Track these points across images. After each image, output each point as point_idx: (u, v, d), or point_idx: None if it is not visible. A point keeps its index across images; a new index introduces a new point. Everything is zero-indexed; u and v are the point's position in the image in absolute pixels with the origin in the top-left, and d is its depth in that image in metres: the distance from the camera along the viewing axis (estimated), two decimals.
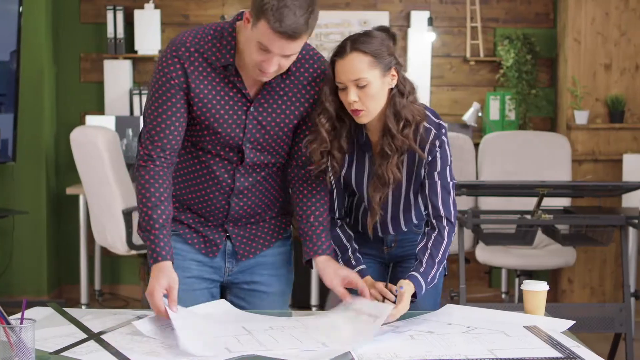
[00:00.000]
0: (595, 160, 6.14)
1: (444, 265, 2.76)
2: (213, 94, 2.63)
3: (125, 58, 6.53)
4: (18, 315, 2.12)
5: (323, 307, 5.89)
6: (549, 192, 4.56)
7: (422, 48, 6.54)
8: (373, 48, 2.58)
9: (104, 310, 2.74)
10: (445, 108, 6.63)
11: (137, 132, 6.32)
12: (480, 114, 6.48)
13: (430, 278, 2.66)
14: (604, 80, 6.16)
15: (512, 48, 6.45)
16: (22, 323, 2.08)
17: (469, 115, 6.39)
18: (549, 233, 4.91)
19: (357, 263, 2.80)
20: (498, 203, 5.64)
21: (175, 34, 6.53)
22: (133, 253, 5.40)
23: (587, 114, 6.10)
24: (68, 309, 2.66)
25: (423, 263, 2.66)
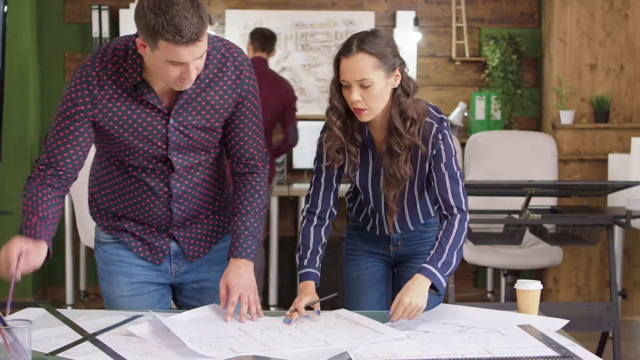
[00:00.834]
0: (581, 160, 6.16)
1: (459, 249, 2.69)
2: (128, 114, 2.58)
3: None
4: (18, 316, 2.11)
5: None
6: (537, 191, 4.57)
7: (407, 48, 6.54)
8: (379, 49, 2.60)
9: (98, 311, 2.72)
10: None
11: None
12: (466, 114, 6.49)
13: (442, 264, 2.63)
14: (589, 80, 6.19)
15: (497, 48, 6.47)
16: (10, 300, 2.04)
17: (455, 115, 6.40)
18: (537, 232, 4.93)
19: (308, 265, 2.77)
20: (482, 203, 5.65)
21: None
22: None
23: (572, 114, 6.12)
24: (61, 310, 2.65)
25: (431, 253, 2.66)
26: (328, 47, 6.54)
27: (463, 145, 6.13)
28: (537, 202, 4.85)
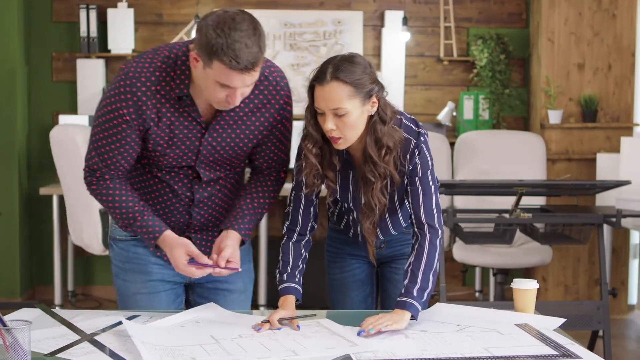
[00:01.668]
0: (569, 160, 6.18)
1: (434, 271, 2.66)
2: (167, 124, 2.60)
3: (99, 57, 6.47)
4: (14, 316, 2.10)
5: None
6: (528, 191, 4.59)
7: (396, 48, 6.54)
8: (354, 77, 2.51)
9: (94, 312, 2.72)
10: (419, 107, 6.66)
11: None
12: (455, 114, 6.51)
13: (417, 290, 2.58)
14: (578, 80, 6.21)
15: (485, 48, 6.48)
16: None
17: (444, 115, 6.41)
18: (528, 232, 4.94)
19: (287, 279, 2.72)
20: (471, 202, 5.66)
21: (149, 34, 6.61)
22: (108, 253, 5.35)
23: (560, 114, 6.14)
24: (56, 310, 2.64)
25: (405, 283, 2.61)
26: (316, 46, 6.55)
27: (452, 145, 6.14)
28: (526, 201, 4.86)
